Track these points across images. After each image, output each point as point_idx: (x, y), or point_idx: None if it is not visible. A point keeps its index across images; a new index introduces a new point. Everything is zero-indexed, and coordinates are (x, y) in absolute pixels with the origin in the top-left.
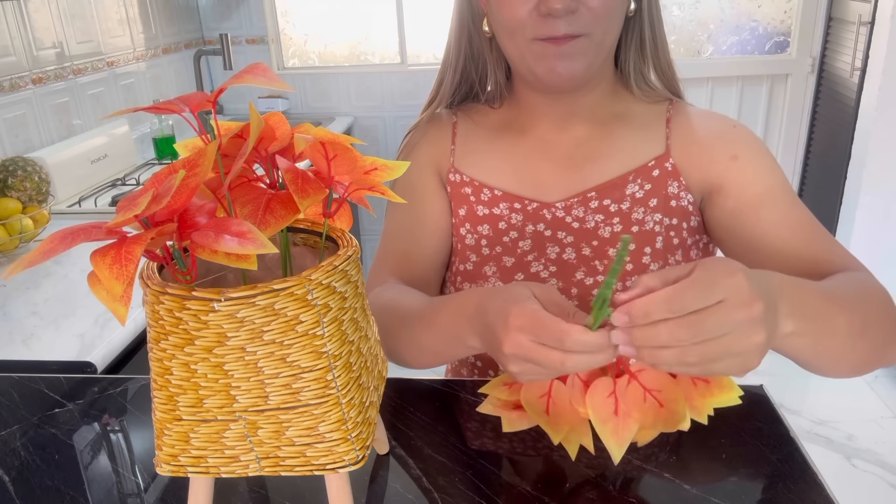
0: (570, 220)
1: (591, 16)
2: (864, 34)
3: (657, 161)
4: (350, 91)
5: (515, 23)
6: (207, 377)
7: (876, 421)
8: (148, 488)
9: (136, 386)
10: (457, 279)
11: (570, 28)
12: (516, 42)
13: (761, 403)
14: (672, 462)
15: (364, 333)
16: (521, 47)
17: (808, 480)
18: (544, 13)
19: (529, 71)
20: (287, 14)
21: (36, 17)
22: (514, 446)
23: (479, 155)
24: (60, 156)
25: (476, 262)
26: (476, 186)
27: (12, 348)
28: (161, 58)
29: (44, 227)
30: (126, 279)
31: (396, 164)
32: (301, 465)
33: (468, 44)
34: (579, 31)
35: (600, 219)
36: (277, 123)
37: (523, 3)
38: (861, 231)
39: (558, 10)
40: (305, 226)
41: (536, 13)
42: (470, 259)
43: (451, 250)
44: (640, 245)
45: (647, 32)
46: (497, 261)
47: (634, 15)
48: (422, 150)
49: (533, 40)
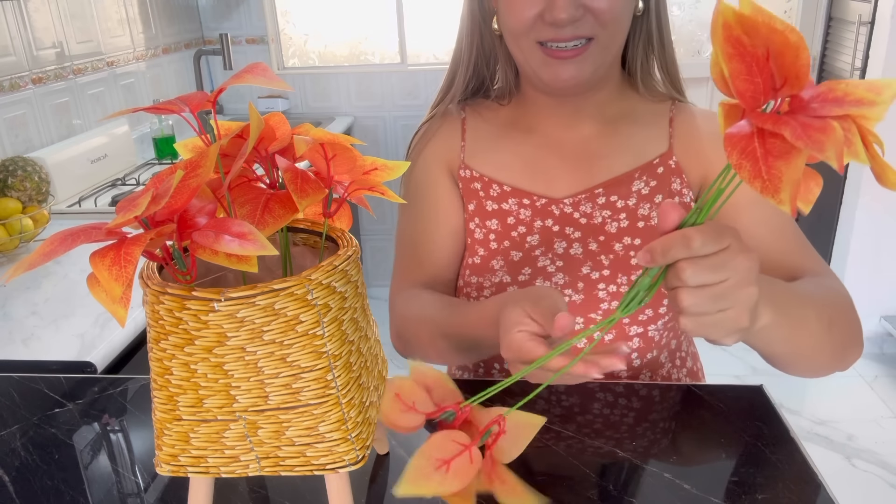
0: (577, 216)
1: (597, 21)
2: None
3: (661, 158)
4: (350, 91)
5: (520, 27)
6: (207, 377)
7: (876, 421)
8: (148, 488)
9: (136, 386)
10: (465, 272)
11: (576, 31)
12: (521, 46)
13: (761, 403)
14: (672, 462)
15: (364, 333)
16: (526, 51)
17: (808, 480)
18: (549, 22)
19: (535, 74)
20: (287, 14)
21: (36, 17)
22: None
23: (488, 151)
24: (60, 156)
25: (484, 255)
26: (486, 182)
27: (12, 348)
28: (161, 58)
29: (44, 226)
30: (125, 280)
31: (396, 164)
32: (301, 465)
33: (480, 40)
34: (586, 34)
35: (607, 214)
36: (277, 123)
37: (528, 8)
38: (861, 231)
39: (563, 20)
40: (305, 226)
41: (541, 20)
42: (478, 253)
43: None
44: (645, 240)
45: (655, 31)
46: (505, 255)
47: (643, 14)
48: (432, 147)
49: (538, 47)
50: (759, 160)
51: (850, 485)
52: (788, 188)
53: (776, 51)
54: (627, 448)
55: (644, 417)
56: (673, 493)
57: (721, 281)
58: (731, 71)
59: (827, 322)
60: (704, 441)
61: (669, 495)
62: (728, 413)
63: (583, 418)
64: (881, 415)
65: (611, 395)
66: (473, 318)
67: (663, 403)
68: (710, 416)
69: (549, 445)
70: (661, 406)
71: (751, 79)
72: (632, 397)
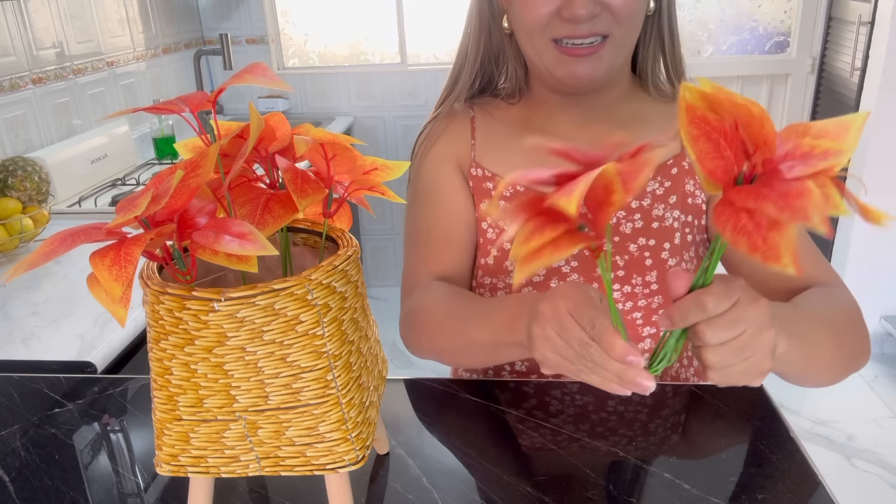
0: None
1: (613, 18)
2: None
3: (675, 160)
4: (350, 91)
5: (536, 24)
6: (207, 377)
7: (876, 421)
8: (148, 488)
9: (136, 386)
10: (478, 273)
11: (593, 28)
12: (535, 43)
13: (761, 403)
14: (672, 462)
15: (364, 333)
16: (540, 49)
17: (808, 480)
18: (567, 18)
19: (549, 73)
20: (287, 14)
21: (36, 17)
22: (514, 446)
23: (500, 150)
24: (60, 156)
25: (497, 256)
26: (497, 181)
27: (12, 348)
28: (161, 58)
29: (44, 226)
30: (125, 281)
31: (396, 164)
32: (301, 465)
33: (488, 38)
34: (602, 31)
35: (622, 214)
36: (277, 123)
37: (545, 5)
38: (861, 231)
39: (581, 15)
40: (305, 226)
41: (558, 17)
42: (491, 253)
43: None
44: (660, 241)
45: (666, 31)
46: None
47: (653, 14)
48: (442, 145)
49: (553, 44)
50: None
51: (850, 485)
52: (788, 254)
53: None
54: (628, 448)
55: (644, 417)
56: (673, 493)
57: (739, 335)
58: (697, 153)
59: (838, 338)
60: (704, 441)
61: (669, 495)
62: (728, 413)
63: (583, 418)
64: (881, 415)
65: (610, 396)
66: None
67: (663, 403)
68: (710, 416)
69: (550, 445)
70: (662, 406)
71: (720, 154)
72: (631, 397)
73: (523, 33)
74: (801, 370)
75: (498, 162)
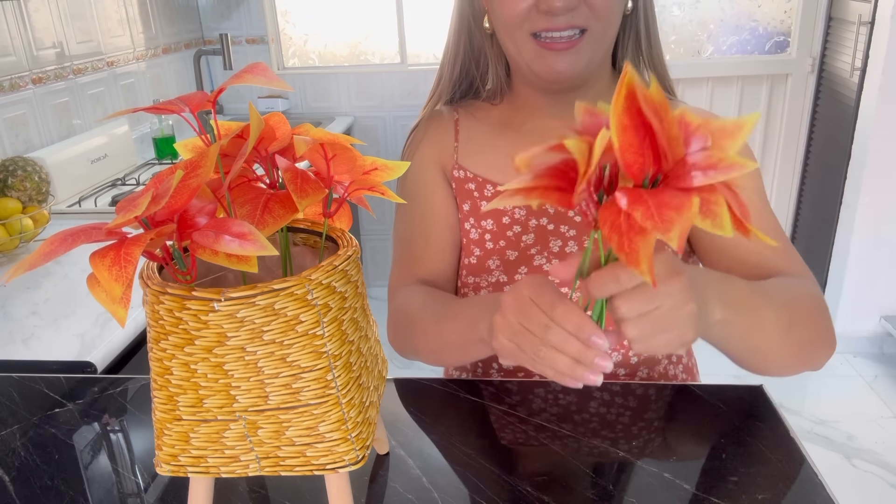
0: (572, 214)
1: (591, 12)
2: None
3: None
4: (350, 91)
5: (515, 18)
6: (207, 377)
7: (876, 421)
8: (148, 488)
9: (136, 386)
10: (462, 272)
11: (571, 20)
12: (515, 39)
13: (761, 403)
14: (672, 462)
15: (364, 333)
16: (520, 44)
17: (808, 480)
18: (544, 10)
19: (529, 68)
20: (287, 14)
21: (36, 17)
22: (514, 446)
23: (482, 151)
24: (60, 156)
25: (480, 255)
26: (479, 182)
27: (12, 348)
28: (161, 58)
29: (44, 226)
30: (125, 281)
31: (396, 164)
32: (301, 465)
33: (468, 40)
34: (580, 25)
35: None
36: (277, 123)
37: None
38: (861, 231)
39: (558, 7)
40: (305, 226)
41: (536, 10)
42: (474, 253)
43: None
44: None
45: (643, 30)
46: (500, 254)
47: (631, 13)
48: (426, 148)
49: (532, 39)
50: (623, 235)
51: (850, 485)
52: (646, 262)
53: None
54: (627, 448)
55: (643, 417)
56: (673, 493)
57: (656, 308)
58: (621, 143)
59: (787, 322)
60: (704, 441)
61: (669, 495)
62: (728, 413)
63: (582, 418)
64: (881, 415)
65: (609, 395)
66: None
67: (663, 403)
68: (710, 416)
69: (549, 445)
70: (661, 406)
71: (640, 152)
72: (630, 397)
73: (503, 30)
74: (742, 346)
75: (479, 163)
